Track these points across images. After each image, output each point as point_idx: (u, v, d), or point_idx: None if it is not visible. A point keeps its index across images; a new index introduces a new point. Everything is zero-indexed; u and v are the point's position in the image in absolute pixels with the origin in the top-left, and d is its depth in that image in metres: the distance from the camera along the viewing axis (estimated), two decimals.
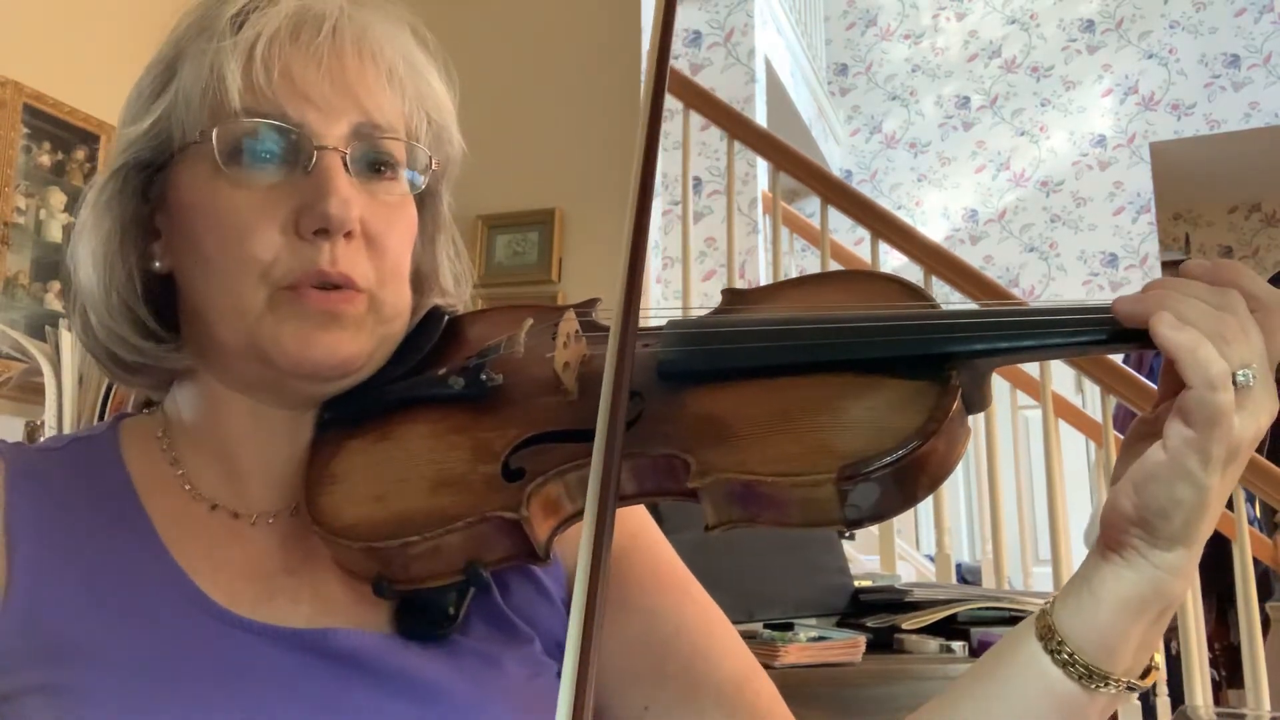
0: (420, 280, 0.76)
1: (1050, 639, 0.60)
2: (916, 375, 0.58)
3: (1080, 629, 0.60)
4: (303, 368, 0.65)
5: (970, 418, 0.61)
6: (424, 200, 0.75)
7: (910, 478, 0.56)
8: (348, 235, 0.65)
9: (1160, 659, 0.63)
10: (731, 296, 0.71)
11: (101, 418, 1.41)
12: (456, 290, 0.79)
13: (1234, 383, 0.53)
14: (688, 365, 0.63)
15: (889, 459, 0.55)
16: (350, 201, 0.65)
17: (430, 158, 0.73)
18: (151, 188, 0.70)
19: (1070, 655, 0.59)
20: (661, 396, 0.63)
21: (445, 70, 0.75)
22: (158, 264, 0.70)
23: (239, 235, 0.64)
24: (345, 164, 0.66)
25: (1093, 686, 0.59)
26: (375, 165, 0.69)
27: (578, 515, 0.63)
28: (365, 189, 0.68)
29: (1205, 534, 0.57)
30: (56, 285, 2.80)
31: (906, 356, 0.59)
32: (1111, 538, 0.59)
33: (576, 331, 0.67)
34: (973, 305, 0.69)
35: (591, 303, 0.74)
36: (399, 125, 0.70)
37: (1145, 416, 0.61)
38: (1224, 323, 0.54)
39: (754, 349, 0.63)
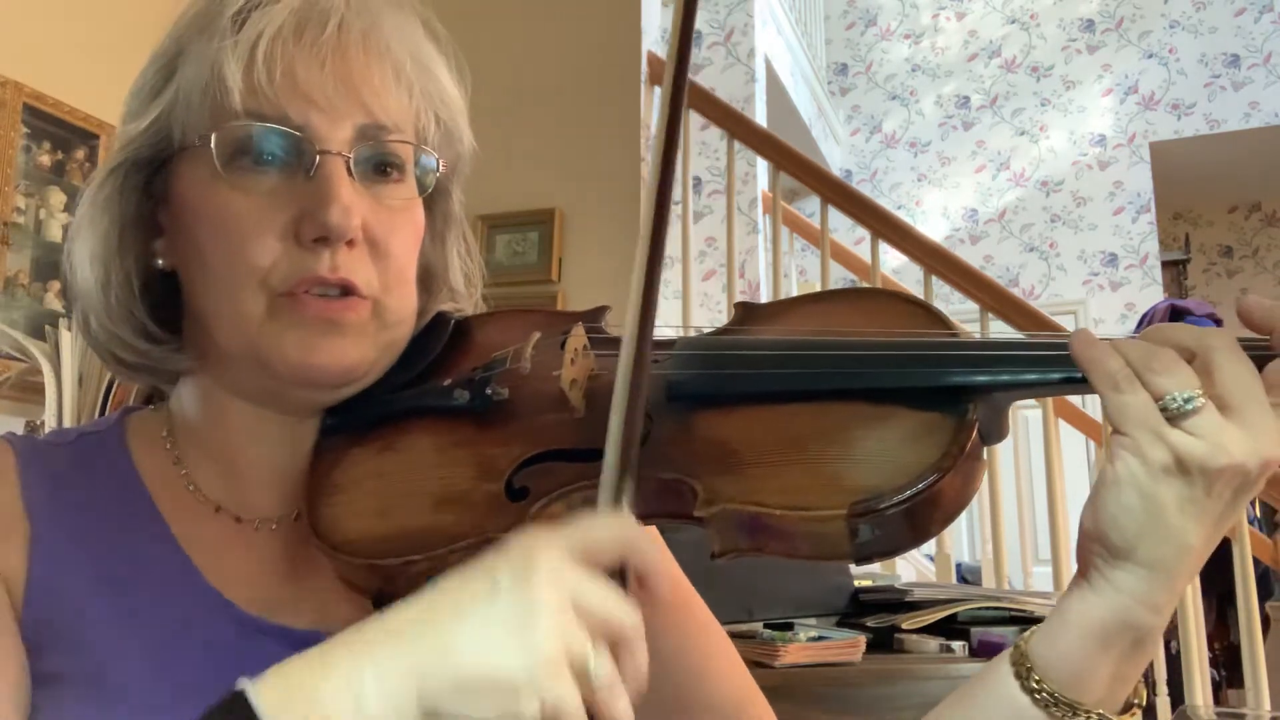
0: (430, 279, 0.74)
1: (1022, 664, 0.59)
2: (932, 406, 0.57)
3: (1048, 654, 0.58)
4: (304, 376, 0.64)
5: None
6: (433, 198, 0.73)
7: (923, 514, 0.55)
8: (349, 243, 0.64)
9: (1144, 693, 0.62)
10: (744, 312, 0.69)
11: (102, 416, 1.41)
12: (467, 289, 0.78)
13: (1173, 408, 0.54)
14: (698, 388, 0.62)
15: (902, 496, 0.53)
16: (352, 209, 0.63)
17: (438, 160, 0.71)
18: (154, 184, 0.69)
19: (1037, 682, 0.58)
20: (669, 418, 0.61)
21: (457, 64, 0.73)
22: (160, 261, 0.69)
23: (238, 242, 0.63)
24: (349, 168, 0.64)
25: (1059, 715, 0.58)
26: (381, 168, 0.67)
27: None
28: (370, 193, 0.66)
29: (1168, 559, 0.55)
30: (56, 285, 2.80)
31: (923, 388, 0.58)
32: (1080, 560, 0.59)
33: (585, 346, 0.65)
34: (1015, 335, 0.67)
35: (600, 311, 0.72)
36: (406, 126, 0.68)
37: None
38: (1154, 354, 0.55)
39: (766, 374, 0.61)
